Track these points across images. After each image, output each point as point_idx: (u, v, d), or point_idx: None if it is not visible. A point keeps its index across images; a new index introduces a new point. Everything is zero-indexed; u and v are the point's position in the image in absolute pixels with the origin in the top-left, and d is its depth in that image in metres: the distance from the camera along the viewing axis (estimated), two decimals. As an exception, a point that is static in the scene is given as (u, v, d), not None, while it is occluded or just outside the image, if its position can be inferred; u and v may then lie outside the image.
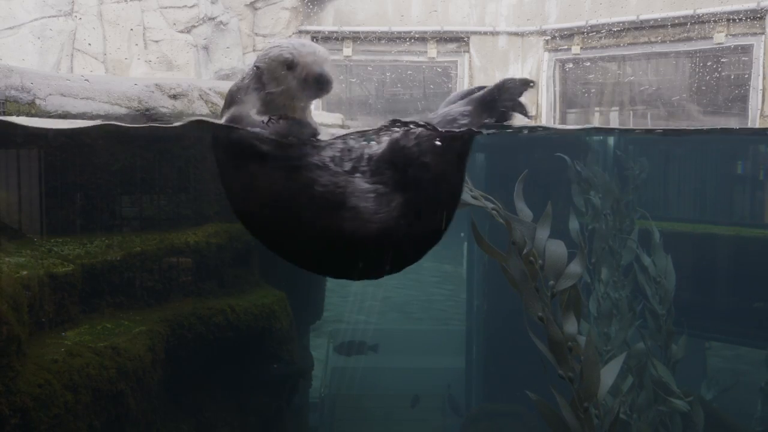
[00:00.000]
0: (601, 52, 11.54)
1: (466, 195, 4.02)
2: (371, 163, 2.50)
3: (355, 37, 12.02)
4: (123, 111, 4.53)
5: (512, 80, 2.64)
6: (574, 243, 5.64)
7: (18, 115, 4.05)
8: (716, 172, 10.30)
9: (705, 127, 9.75)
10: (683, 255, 7.18)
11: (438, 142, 2.48)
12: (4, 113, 4.04)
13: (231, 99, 2.62)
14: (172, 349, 4.34)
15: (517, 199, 4.02)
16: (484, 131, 2.72)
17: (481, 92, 2.65)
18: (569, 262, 3.86)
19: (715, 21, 10.43)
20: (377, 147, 2.57)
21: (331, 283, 7.36)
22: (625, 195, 7.01)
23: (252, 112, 2.52)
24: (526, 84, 2.64)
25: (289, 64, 2.46)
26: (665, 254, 6.49)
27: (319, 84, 2.47)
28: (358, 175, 2.47)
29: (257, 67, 2.53)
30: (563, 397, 3.75)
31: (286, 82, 2.48)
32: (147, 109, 4.63)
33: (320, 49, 2.52)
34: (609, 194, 6.86)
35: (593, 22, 11.27)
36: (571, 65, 11.95)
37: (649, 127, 11.26)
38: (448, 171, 2.51)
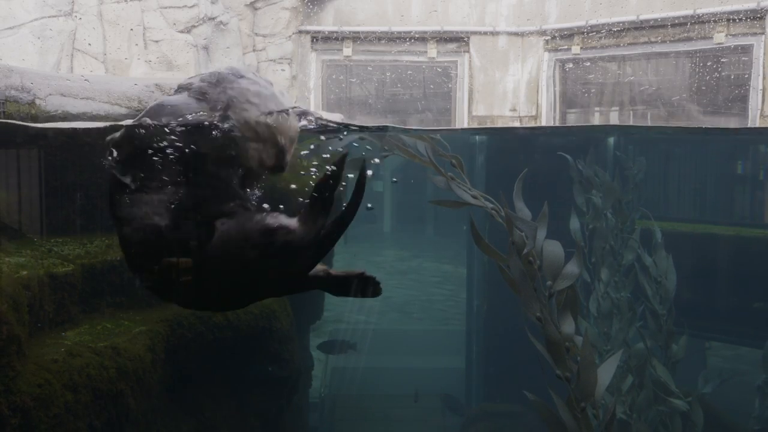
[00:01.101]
0: (601, 52, 11.54)
1: (466, 195, 4.02)
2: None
3: (355, 37, 12.02)
4: (123, 111, 4.53)
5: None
6: (575, 243, 5.64)
7: (18, 115, 4.05)
8: (716, 172, 10.29)
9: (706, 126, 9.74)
10: (683, 255, 7.18)
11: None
12: (4, 113, 4.05)
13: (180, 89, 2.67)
14: (172, 349, 4.34)
15: (516, 198, 4.02)
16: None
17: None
18: (567, 262, 3.87)
19: (715, 21, 10.42)
20: None
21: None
22: (625, 195, 7.01)
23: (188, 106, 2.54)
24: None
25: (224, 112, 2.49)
26: (666, 254, 6.49)
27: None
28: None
29: (204, 89, 2.56)
30: (560, 398, 3.75)
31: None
32: (147, 110, 4.63)
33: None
34: (610, 194, 6.86)
35: (593, 22, 11.27)
36: (571, 65, 11.95)
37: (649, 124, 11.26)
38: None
